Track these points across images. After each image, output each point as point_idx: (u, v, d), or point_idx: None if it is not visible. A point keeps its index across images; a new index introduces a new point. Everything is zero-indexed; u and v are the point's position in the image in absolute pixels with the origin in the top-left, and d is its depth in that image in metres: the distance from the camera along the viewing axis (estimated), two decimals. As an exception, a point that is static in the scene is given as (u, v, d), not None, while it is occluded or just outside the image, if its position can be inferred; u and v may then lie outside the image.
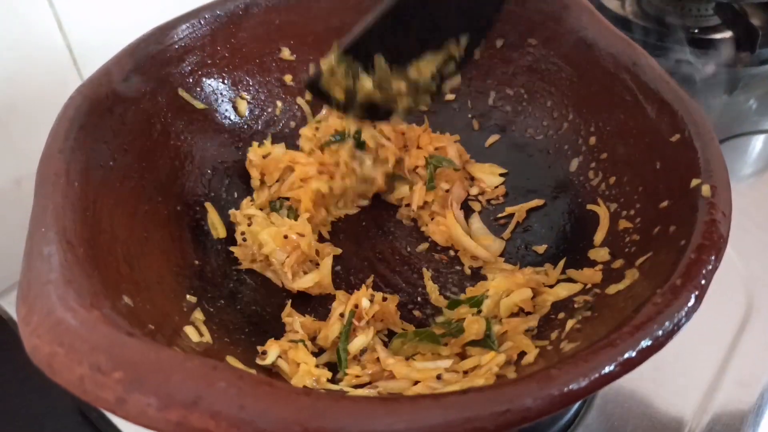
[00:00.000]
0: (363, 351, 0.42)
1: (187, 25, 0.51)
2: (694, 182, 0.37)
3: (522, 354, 0.38)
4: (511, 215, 0.52)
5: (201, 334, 0.39)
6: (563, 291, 0.43)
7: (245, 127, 0.55)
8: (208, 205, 0.50)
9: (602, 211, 0.46)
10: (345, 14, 0.57)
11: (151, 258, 0.42)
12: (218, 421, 0.25)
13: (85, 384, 0.25)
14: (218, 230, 0.50)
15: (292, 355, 0.40)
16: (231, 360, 0.38)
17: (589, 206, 0.47)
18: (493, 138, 0.57)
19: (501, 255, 0.50)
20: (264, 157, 0.53)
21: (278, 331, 0.44)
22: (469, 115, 0.58)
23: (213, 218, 0.50)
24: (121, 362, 0.26)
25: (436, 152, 0.54)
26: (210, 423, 0.25)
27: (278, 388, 0.26)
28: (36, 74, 0.62)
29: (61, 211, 0.35)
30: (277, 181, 0.53)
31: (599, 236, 0.44)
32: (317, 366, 0.41)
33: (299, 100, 0.58)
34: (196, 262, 0.46)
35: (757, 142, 0.69)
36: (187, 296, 0.43)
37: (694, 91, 0.43)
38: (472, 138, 0.57)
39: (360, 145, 0.52)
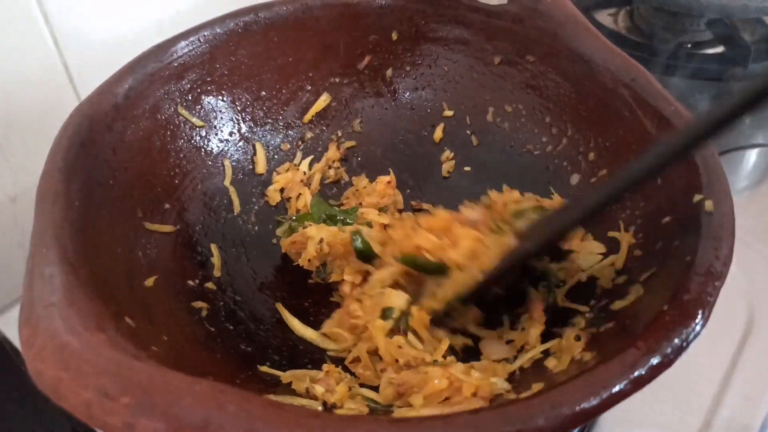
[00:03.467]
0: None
1: (187, 42, 0.51)
2: (697, 197, 0.37)
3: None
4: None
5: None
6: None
7: (244, 143, 0.55)
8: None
9: (624, 237, 0.43)
10: (342, 32, 0.58)
11: (151, 278, 0.41)
12: (228, 446, 0.24)
13: (92, 409, 0.25)
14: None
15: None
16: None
17: (611, 233, 0.44)
18: (492, 154, 0.57)
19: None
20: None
21: (277, 347, 0.44)
22: (468, 131, 0.58)
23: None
24: (129, 386, 0.25)
25: None
26: (220, 447, 0.24)
27: (287, 411, 0.26)
28: (32, 92, 0.61)
29: (61, 231, 0.34)
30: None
31: (619, 262, 0.42)
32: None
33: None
34: (197, 281, 0.46)
35: (751, 155, 0.69)
36: (188, 315, 0.42)
37: (688, 105, 0.43)
38: (471, 154, 0.57)
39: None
